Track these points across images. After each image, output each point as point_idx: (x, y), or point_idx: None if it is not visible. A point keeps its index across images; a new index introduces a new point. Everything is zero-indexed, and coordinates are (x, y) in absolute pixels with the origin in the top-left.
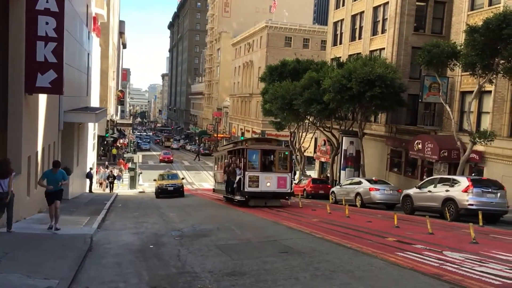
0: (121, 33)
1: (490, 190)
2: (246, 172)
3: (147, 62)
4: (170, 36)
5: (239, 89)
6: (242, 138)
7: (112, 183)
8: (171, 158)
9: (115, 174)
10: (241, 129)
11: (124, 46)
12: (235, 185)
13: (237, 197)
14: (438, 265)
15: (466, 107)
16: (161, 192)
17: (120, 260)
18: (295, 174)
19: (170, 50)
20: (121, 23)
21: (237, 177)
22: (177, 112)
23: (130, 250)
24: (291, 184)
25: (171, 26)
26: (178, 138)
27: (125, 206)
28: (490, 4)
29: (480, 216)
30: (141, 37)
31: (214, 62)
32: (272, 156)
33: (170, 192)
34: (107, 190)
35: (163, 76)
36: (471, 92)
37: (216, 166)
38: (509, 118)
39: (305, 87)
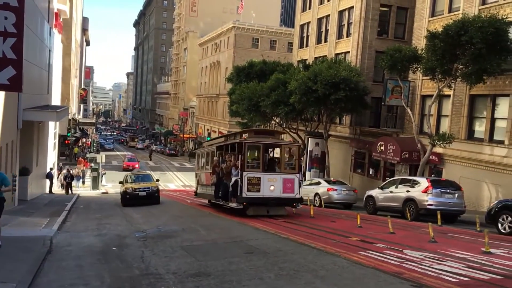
0: (84, 30)
1: (448, 191)
2: (245, 173)
3: (112, 60)
4: (136, 34)
5: (206, 89)
6: (208, 138)
7: (69, 184)
8: (137, 166)
9: (74, 174)
10: (208, 129)
11: (88, 43)
12: (230, 189)
13: (233, 204)
14: (398, 263)
15: (426, 110)
16: (130, 199)
17: (81, 262)
18: (304, 175)
19: (136, 49)
20: (85, 20)
21: (233, 179)
22: (142, 112)
23: (91, 252)
24: (300, 187)
25: (136, 24)
26: (143, 138)
27: (87, 208)
28: (450, 11)
29: (439, 216)
30: (106, 34)
31: (181, 61)
32: (276, 152)
33: (142, 198)
34: (64, 192)
35: (128, 74)
36: (431, 95)
37: (199, 165)
38: (466, 122)
39: (272, 88)
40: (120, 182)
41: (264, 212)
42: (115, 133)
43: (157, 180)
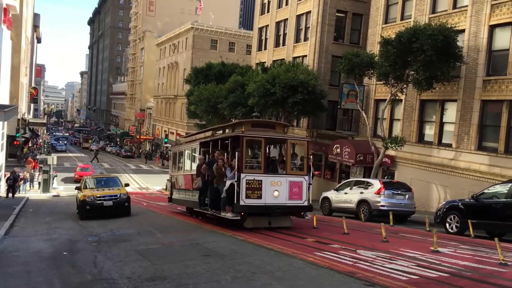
0: (35, 27)
1: (399, 192)
2: (243, 175)
3: (65, 59)
4: (90, 32)
5: (164, 90)
6: (166, 140)
7: (11, 186)
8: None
9: (21, 176)
10: (165, 131)
11: (39, 41)
12: (223, 195)
13: (228, 214)
14: (352, 263)
15: (380, 114)
16: (91, 211)
17: (29, 268)
18: (313, 177)
19: (90, 47)
20: (36, 16)
21: (227, 183)
22: (97, 112)
23: (41, 258)
24: (309, 192)
25: (91, 22)
26: (97, 139)
27: (37, 211)
28: (402, 18)
29: (391, 217)
30: (58, 32)
31: (138, 61)
32: (280, 148)
33: (108, 209)
34: (5, 195)
35: (82, 73)
36: (385, 100)
37: (175, 166)
38: (417, 125)
39: (230, 90)
40: (77, 188)
41: (266, 224)
42: (68, 134)
43: (126, 185)
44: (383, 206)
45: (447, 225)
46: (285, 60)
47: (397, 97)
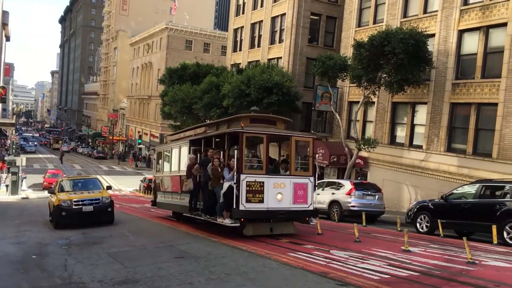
0: (4, 25)
1: (369, 192)
2: (243, 176)
3: (35, 58)
4: (62, 31)
5: (137, 90)
6: (139, 141)
7: None
8: None
9: None
10: (139, 131)
11: (8, 39)
12: (220, 199)
13: (226, 221)
14: (325, 263)
15: (353, 116)
16: (67, 217)
17: None
18: (319, 177)
19: (61, 46)
20: (5, 14)
21: (225, 185)
22: (68, 113)
23: (9, 262)
24: (314, 194)
25: (62, 20)
26: (68, 139)
27: (4, 214)
28: (374, 22)
29: (364, 217)
30: (28, 30)
31: (111, 61)
32: (280, 147)
33: (88, 216)
34: None
35: (52, 73)
36: (358, 102)
37: (161, 166)
38: (389, 127)
39: (205, 91)
40: (50, 192)
41: (267, 231)
42: (37, 135)
43: (108, 188)
44: (354, 206)
45: (418, 225)
46: (260, 61)
47: (370, 100)
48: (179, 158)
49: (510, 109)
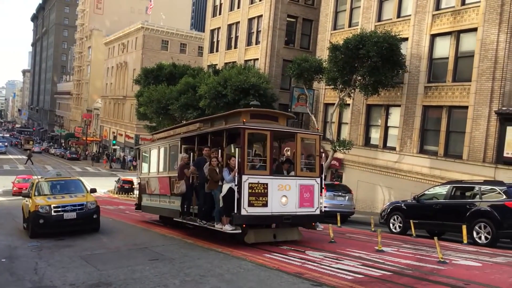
0: None
1: (340, 194)
2: (245, 177)
3: (5, 56)
4: (34, 29)
5: (112, 90)
6: (114, 142)
7: None
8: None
9: None
10: (113, 132)
11: None
12: (220, 203)
13: (226, 227)
14: (300, 264)
15: (329, 118)
16: (46, 225)
17: None
18: (325, 179)
19: (33, 44)
20: None
21: (225, 187)
22: (40, 112)
23: None
24: (321, 197)
25: (34, 18)
26: (39, 140)
27: None
28: (349, 25)
29: (338, 218)
30: None
31: (84, 60)
32: (280, 144)
33: (70, 224)
34: None
35: (24, 72)
36: (333, 104)
37: (147, 166)
38: (364, 129)
39: (181, 92)
40: (25, 196)
41: (270, 238)
42: (8, 135)
43: (93, 190)
44: (325, 207)
45: (391, 225)
46: (237, 62)
47: (345, 102)
48: (168, 158)
49: (479, 112)
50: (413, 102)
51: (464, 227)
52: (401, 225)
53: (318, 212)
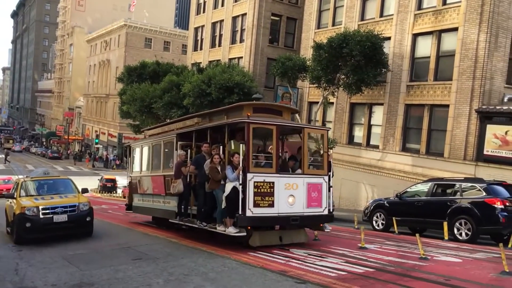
0: None
1: None
2: (250, 175)
3: None
4: (14, 26)
5: (95, 88)
6: (97, 141)
7: None
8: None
9: None
10: (96, 131)
11: None
12: (222, 203)
13: (229, 229)
14: (285, 262)
15: (313, 116)
16: (34, 229)
17: None
18: (333, 176)
19: (13, 42)
20: None
21: (228, 186)
22: (20, 111)
23: None
24: (330, 197)
25: (15, 15)
26: (19, 139)
27: None
28: (333, 24)
29: None
30: None
31: (66, 58)
32: (282, 141)
33: (61, 227)
34: None
35: (4, 69)
36: (317, 102)
37: (139, 165)
38: (347, 127)
39: (165, 90)
40: (9, 197)
41: (276, 240)
42: None
43: (84, 191)
44: None
45: (374, 222)
46: (221, 61)
47: (328, 100)
48: (163, 155)
49: (460, 111)
50: (395, 101)
51: (445, 224)
52: (384, 222)
53: (326, 212)
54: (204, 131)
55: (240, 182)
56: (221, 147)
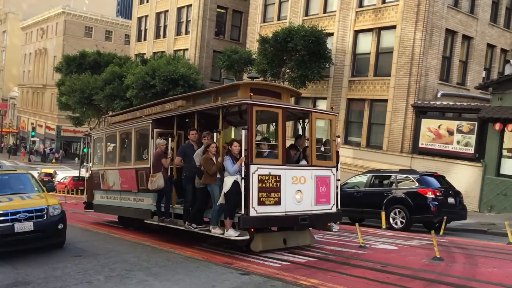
0: None
1: None
2: (254, 167)
3: None
4: None
5: (30, 78)
6: (33, 134)
7: None
8: None
9: None
10: (32, 123)
11: None
12: (220, 201)
13: (229, 232)
14: (229, 254)
15: None
16: None
17: None
18: (337, 168)
19: None
20: None
21: (227, 180)
22: None
23: None
24: (338, 192)
25: None
26: None
27: None
28: (278, 19)
29: None
30: None
31: None
32: (282, 126)
33: (23, 239)
34: None
35: None
36: None
37: (103, 156)
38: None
39: (107, 81)
40: None
41: (280, 244)
42: None
43: (50, 189)
44: None
45: None
46: (166, 52)
47: None
48: (134, 145)
49: (398, 105)
50: (338, 95)
51: (383, 214)
52: None
53: (334, 209)
54: (189, 116)
55: (242, 175)
56: (216, 133)
